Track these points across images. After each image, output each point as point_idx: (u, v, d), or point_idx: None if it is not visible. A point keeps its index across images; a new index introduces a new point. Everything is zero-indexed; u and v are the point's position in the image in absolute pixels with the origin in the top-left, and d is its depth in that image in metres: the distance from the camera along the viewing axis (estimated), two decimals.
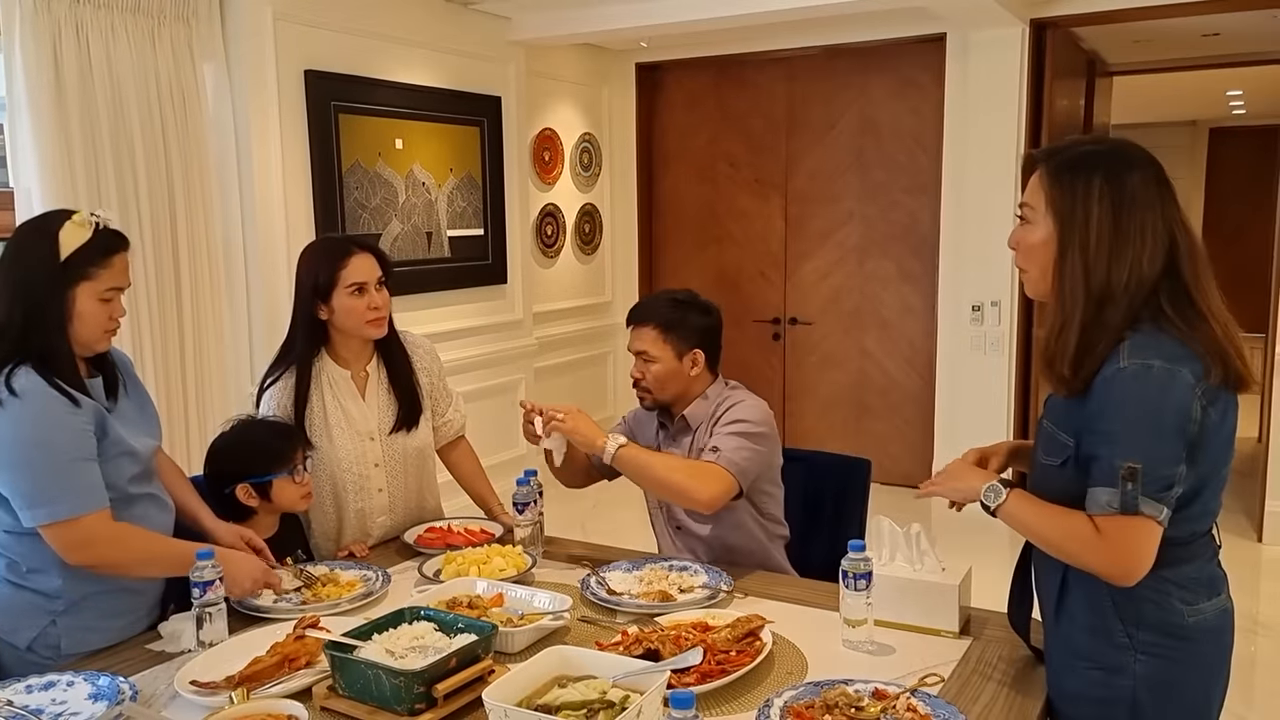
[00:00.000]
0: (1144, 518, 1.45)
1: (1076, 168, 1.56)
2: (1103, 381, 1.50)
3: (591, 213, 6.49)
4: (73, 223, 1.92)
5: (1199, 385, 1.47)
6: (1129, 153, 1.57)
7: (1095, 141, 1.64)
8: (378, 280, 2.44)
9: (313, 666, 1.78)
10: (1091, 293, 1.53)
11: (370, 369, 2.54)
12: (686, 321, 2.47)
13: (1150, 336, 1.50)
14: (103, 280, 1.95)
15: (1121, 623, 1.56)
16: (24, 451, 1.87)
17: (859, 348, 6.07)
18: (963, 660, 1.81)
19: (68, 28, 3.44)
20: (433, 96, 4.98)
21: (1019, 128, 5.08)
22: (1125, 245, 1.52)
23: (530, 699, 1.55)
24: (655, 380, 2.47)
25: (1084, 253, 1.53)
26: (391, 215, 4.79)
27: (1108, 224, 1.52)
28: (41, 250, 1.91)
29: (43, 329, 1.90)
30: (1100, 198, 1.53)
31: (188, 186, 3.88)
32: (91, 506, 1.90)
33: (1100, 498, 1.48)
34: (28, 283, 1.91)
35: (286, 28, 4.21)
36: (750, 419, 2.39)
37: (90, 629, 1.99)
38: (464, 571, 2.23)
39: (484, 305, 5.47)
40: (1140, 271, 1.52)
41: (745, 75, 6.24)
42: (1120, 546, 1.48)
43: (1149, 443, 1.46)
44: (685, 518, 2.50)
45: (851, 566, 1.86)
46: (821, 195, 6.08)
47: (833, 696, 1.60)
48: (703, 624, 1.90)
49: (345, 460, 2.48)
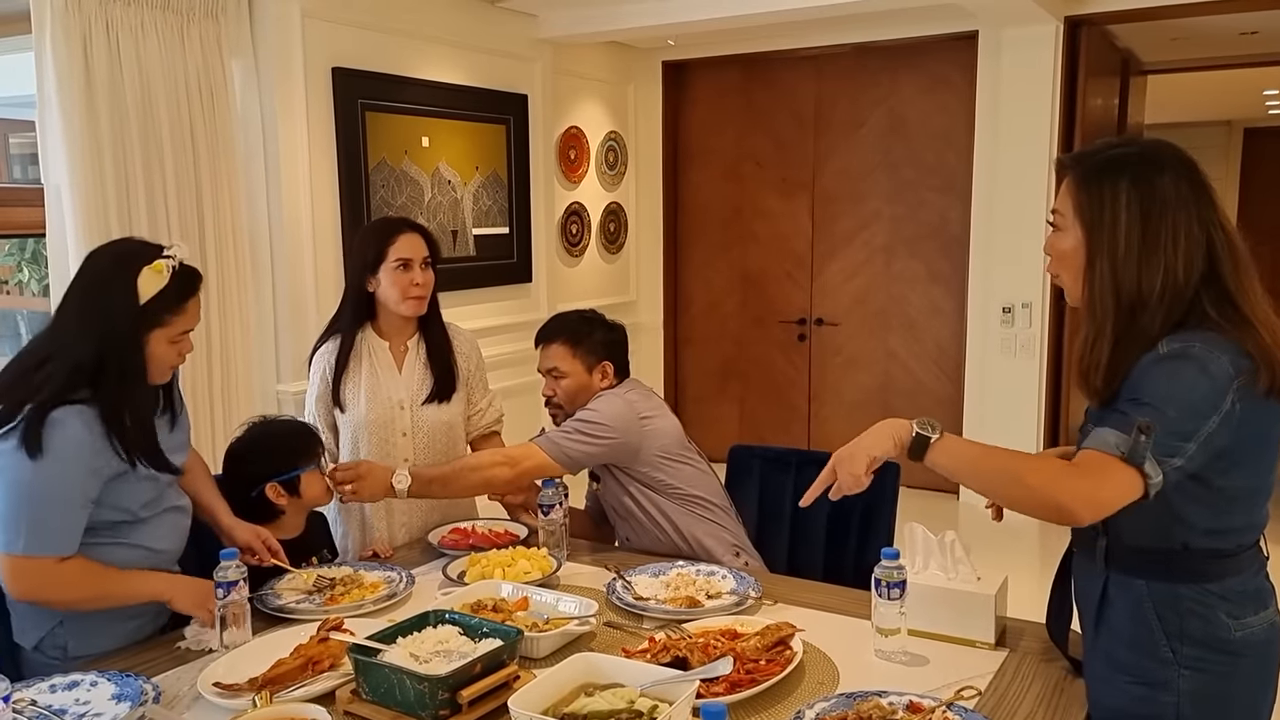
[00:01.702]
0: (1138, 473, 1.38)
1: (1103, 172, 1.52)
2: (1139, 370, 1.46)
3: (616, 211, 6.46)
4: (151, 269, 1.90)
5: (1239, 379, 1.41)
6: (1159, 154, 1.53)
7: (1125, 144, 1.59)
8: (424, 259, 2.56)
9: (336, 669, 1.77)
10: (1122, 301, 1.48)
11: (410, 344, 2.64)
12: (593, 336, 2.57)
13: (1193, 331, 1.45)
14: (176, 326, 1.96)
15: (1166, 636, 1.51)
16: (19, 488, 1.83)
17: (885, 349, 6.01)
18: (999, 673, 1.76)
19: (98, 25, 3.45)
20: (459, 94, 4.97)
21: (1051, 127, 5.01)
22: (1155, 251, 1.47)
23: (557, 707, 1.52)
24: (566, 395, 2.56)
25: (1112, 260, 1.49)
26: (417, 213, 4.77)
27: (1136, 230, 1.47)
28: (122, 295, 1.88)
29: (122, 381, 1.89)
30: (1128, 203, 1.48)
31: (215, 183, 3.88)
32: (51, 550, 1.84)
33: (1108, 438, 1.40)
34: (108, 334, 1.88)
35: (314, 25, 4.21)
36: (591, 409, 2.45)
37: (97, 632, 1.97)
38: (488, 574, 2.21)
39: (508, 304, 5.45)
40: (1175, 277, 1.46)
41: (773, 73, 6.19)
42: (1099, 484, 1.40)
43: (1172, 412, 1.40)
44: (615, 520, 2.59)
45: (885, 575, 1.82)
46: (849, 194, 6.02)
47: (866, 709, 1.56)
48: (731, 631, 1.87)
49: (373, 424, 2.56)
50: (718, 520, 2.52)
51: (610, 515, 2.62)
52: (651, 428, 2.48)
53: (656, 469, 2.48)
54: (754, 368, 6.41)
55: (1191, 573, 1.50)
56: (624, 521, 2.57)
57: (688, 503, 2.50)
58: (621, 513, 2.55)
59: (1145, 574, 1.53)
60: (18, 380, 1.89)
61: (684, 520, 2.48)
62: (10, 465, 1.82)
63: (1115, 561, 1.56)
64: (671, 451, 2.50)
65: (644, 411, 2.49)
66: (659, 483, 2.48)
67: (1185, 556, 1.50)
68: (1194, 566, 1.50)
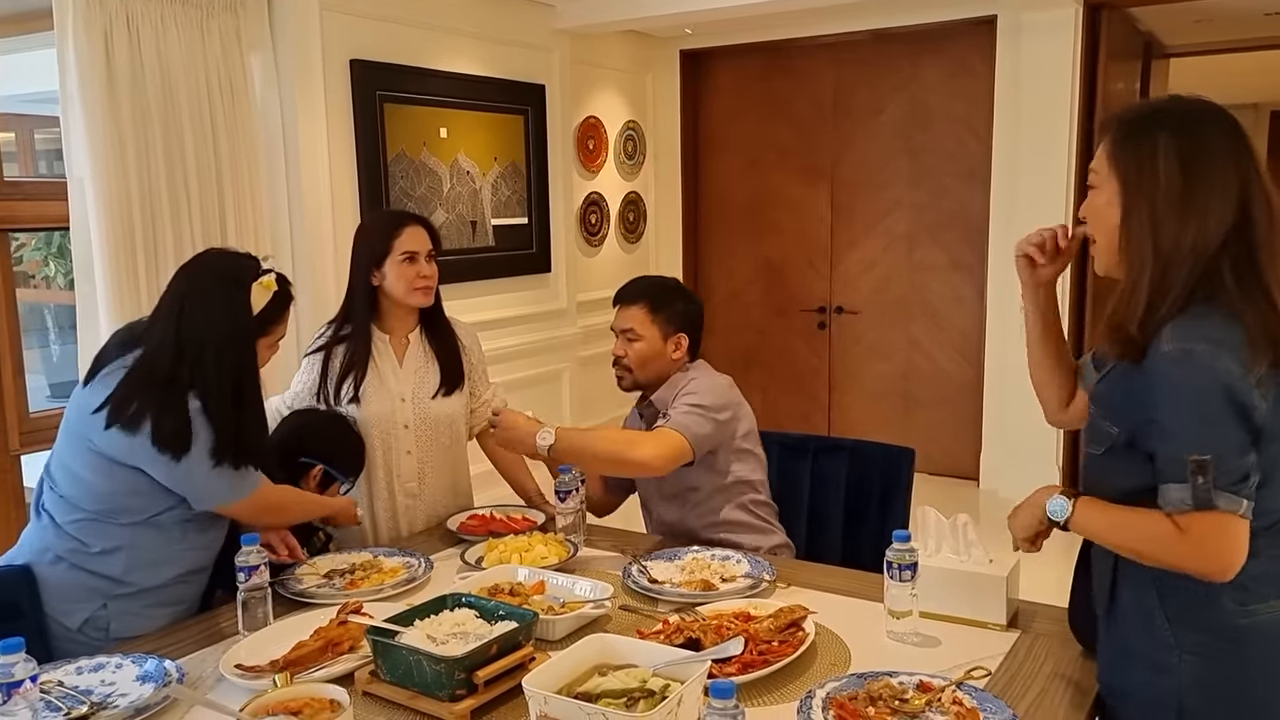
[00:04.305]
0: (1222, 513, 1.37)
1: (1142, 126, 1.50)
2: (1150, 364, 1.44)
3: (636, 201, 6.47)
4: (261, 285, 2.10)
5: (1251, 371, 1.39)
6: (1200, 108, 1.50)
7: (1166, 100, 1.56)
8: (428, 252, 2.57)
9: (355, 652, 1.80)
10: (1159, 250, 1.45)
11: (411, 337, 2.65)
12: (675, 305, 2.52)
13: (1197, 318, 1.42)
14: (277, 334, 2.18)
15: (1168, 621, 1.49)
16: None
17: (907, 337, 5.99)
18: (1010, 654, 1.77)
19: (119, 20, 3.48)
20: (477, 85, 4.99)
21: (1072, 112, 4.97)
22: (1194, 200, 1.44)
23: (570, 687, 1.54)
24: (637, 358, 2.50)
25: (1151, 211, 1.46)
26: (436, 204, 4.81)
27: (1176, 180, 1.45)
28: (241, 309, 2.07)
29: (251, 407, 2.10)
30: (1166, 153, 1.45)
31: (236, 176, 3.92)
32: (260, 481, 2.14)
33: (1172, 495, 1.40)
34: (239, 357, 2.07)
35: (332, 17, 4.24)
36: (699, 392, 2.40)
37: (140, 615, 2.05)
38: (506, 559, 2.24)
39: (528, 294, 5.47)
40: (1207, 230, 1.43)
41: (791, 62, 6.17)
42: (1205, 543, 1.39)
43: (1207, 433, 1.38)
44: (651, 499, 2.55)
45: (896, 557, 1.83)
46: (869, 182, 6.00)
47: (876, 689, 1.57)
48: (745, 614, 1.88)
49: (375, 417, 2.57)
50: (764, 515, 2.52)
51: (650, 498, 2.57)
52: (745, 411, 2.48)
53: (734, 456, 2.46)
54: (775, 356, 6.40)
55: None
56: (669, 504, 2.52)
57: (745, 489, 2.49)
58: (672, 494, 2.50)
59: None
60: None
61: (732, 511, 2.47)
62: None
63: None
64: (750, 439, 2.49)
65: (739, 396, 2.49)
66: (729, 469, 2.46)
67: None
68: None
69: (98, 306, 3.51)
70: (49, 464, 2.11)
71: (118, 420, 1.97)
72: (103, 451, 1.99)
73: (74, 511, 2.03)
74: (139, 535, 2.04)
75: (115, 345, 2.12)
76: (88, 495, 2.02)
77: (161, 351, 2.02)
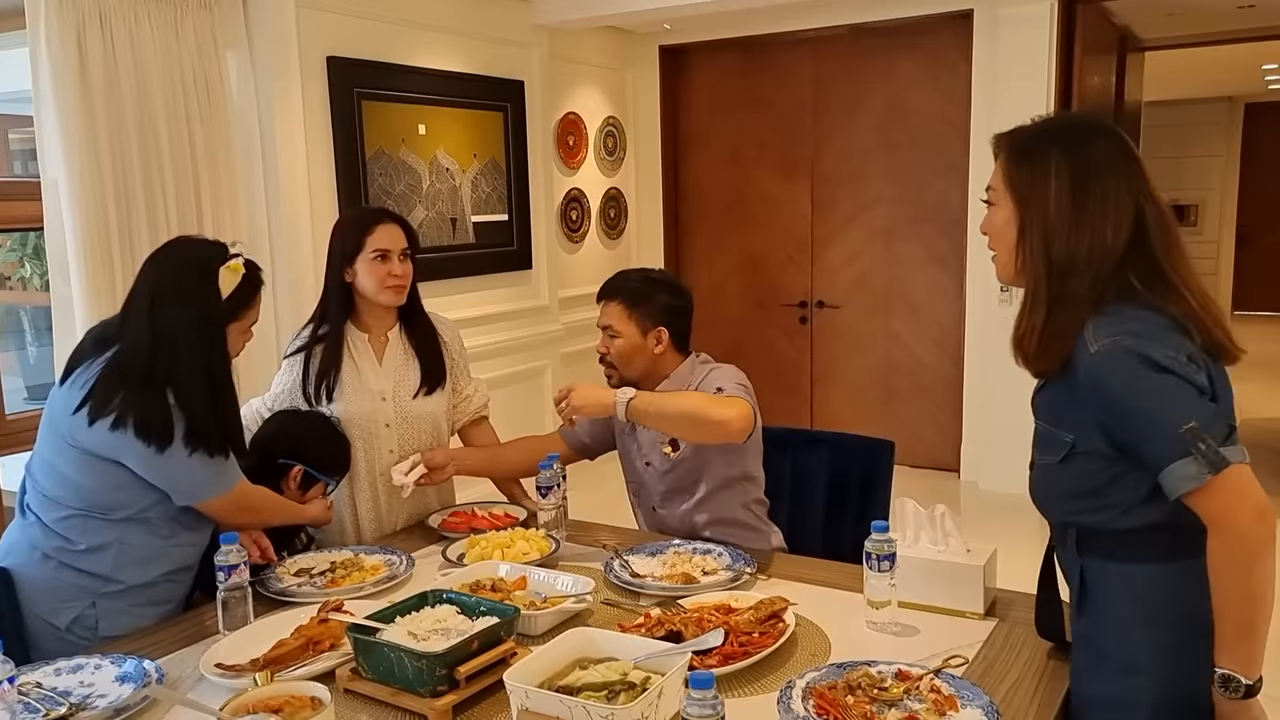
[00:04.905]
0: (1237, 465, 1.36)
1: (1034, 145, 1.55)
2: (1085, 372, 1.45)
3: (616, 197, 6.47)
4: (229, 269, 2.08)
5: (1184, 348, 1.42)
6: (1089, 124, 1.56)
7: (1056, 118, 1.63)
8: (402, 251, 2.53)
9: (336, 649, 1.79)
10: (1054, 264, 1.50)
11: (391, 335, 2.63)
12: (654, 299, 2.48)
13: (1115, 314, 1.46)
14: (248, 319, 2.16)
15: (1139, 620, 1.49)
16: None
17: (887, 330, 6.02)
18: (988, 642, 1.78)
19: (92, 18, 3.46)
20: (456, 82, 4.98)
21: (1048, 106, 5.00)
22: (1085, 214, 1.48)
23: (551, 681, 1.55)
24: (619, 355, 2.49)
25: (1044, 227, 1.51)
26: (416, 201, 4.79)
27: (1067, 195, 1.49)
28: (211, 296, 2.06)
29: (224, 392, 2.09)
30: (1058, 171, 1.50)
31: (213, 175, 3.90)
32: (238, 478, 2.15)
33: (1182, 472, 1.37)
34: (212, 346, 2.06)
35: (309, 14, 4.22)
36: (735, 377, 2.39)
37: (127, 613, 2.05)
38: (487, 555, 2.24)
39: (509, 291, 5.47)
40: (1104, 241, 1.48)
41: (770, 56, 6.18)
42: (1240, 500, 1.36)
43: (1177, 406, 1.38)
44: (652, 497, 2.52)
45: (875, 548, 1.84)
46: (849, 177, 6.02)
47: (855, 678, 1.58)
48: (725, 606, 1.89)
49: (356, 416, 2.56)
50: (761, 515, 2.53)
51: (650, 496, 2.54)
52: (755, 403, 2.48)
53: (749, 447, 2.45)
54: (757, 351, 6.41)
55: (1163, 550, 1.47)
56: (674, 499, 2.49)
57: (751, 487, 2.50)
58: (681, 486, 2.47)
59: (1117, 557, 1.51)
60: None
61: (738, 510, 2.47)
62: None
63: (1090, 548, 1.55)
64: (756, 430, 2.48)
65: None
66: (744, 461, 2.46)
67: (1157, 534, 1.47)
68: (1165, 543, 1.46)
69: (74, 307, 3.48)
70: (30, 463, 2.11)
71: (101, 416, 1.96)
72: (86, 448, 1.99)
73: (60, 509, 2.03)
74: (128, 532, 2.04)
75: (90, 343, 2.11)
76: (73, 492, 2.02)
77: (138, 346, 2.01)
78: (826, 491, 2.72)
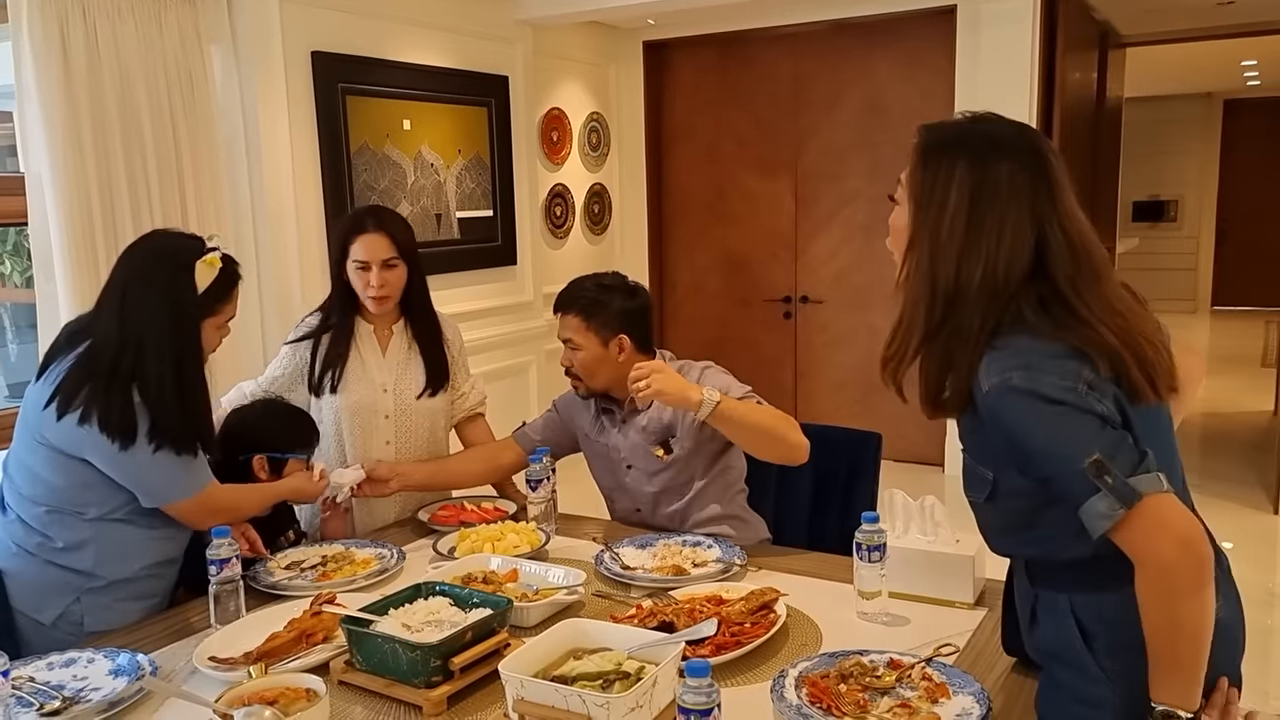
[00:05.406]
0: (1153, 495, 1.26)
1: (943, 149, 1.44)
2: (984, 411, 1.37)
3: (600, 193, 6.47)
4: (205, 263, 2.06)
5: (1081, 375, 1.31)
6: (1005, 138, 1.43)
7: (976, 121, 1.47)
8: (383, 260, 2.51)
9: (330, 642, 1.80)
10: (937, 291, 1.40)
11: (395, 328, 2.66)
12: (610, 306, 2.43)
13: (1004, 349, 1.36)
14: (225, 314, 2.15)
15: (1091, 653, 1.40)
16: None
17: (869, 326, 6.04)
18: (978, 630, 1.81)
19: (74, 12, 3.43)
20: (440, 77, 4.97)
21: (1030, 102, 5.03)
22: (979, 240, 1.38)
23: (546, 671, 1.56)
24: (583, 368, 2.46)
25: (933, 244, 1.40)
26: (400, 197, 4.78)
27: (963, 214, 1.39)
28: (183, 291, 2.03)
29: (193, 390, 2.05)
30: (959, 184, 1.39)
31: (197, 170, 3.87)
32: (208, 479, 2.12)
33: (1094, 509, 1.28)
34: (182, 342, 2.03)
35: (292, 9, 4.20)
36: (736, 388, 2.36)
37: (112, 608, 2.04)
38: (478, 548, 2.24)
39: (494, 287, 5.46)
40: (995, 273, 1.37)
41: (751, 52, 6.19)
42: (1159, 533, 1.26)
43: (1080, 438, 1.29)
44: (640, 495, 2.50)
45: (865, 539, 1.86)
46: (829, 173, 6.04)
47: (848, 666, 1.60)
48: (717, 597, 1.90)
49: (356, 405, 2.57)
50: (746, 506, 2.55)
51: (639, 495, 2.51)
52: None
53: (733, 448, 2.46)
54: (740, 347, 6.43)
55: (1115, 578, 1.33)
56: (669, 497, 2.48)
57: (736, 480, 2.51)
58: (673, 486, 2.46)
59: (1068, 586, 1.43)
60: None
61: (727, 504, 2.48)
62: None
63: (1039, 578, 1.49)
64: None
65: None
66: (729, 462, 2.48)
67: (1102, 563, 1.35)
68: (1114, 572, 1.33)
69: (59, 304, 3.46)
70: (7, 461, 2.10)
71: (68, 412, 1.95)
72: (53, 445, 1.98)
73: (35, 506, 2.02)
74: (104, 529, 2.03)
75: (65, 338, 2.09)
76: (46, 491, 2.01)
77: (106, 341, 2.00)
78: (812, 484, 2.73)
